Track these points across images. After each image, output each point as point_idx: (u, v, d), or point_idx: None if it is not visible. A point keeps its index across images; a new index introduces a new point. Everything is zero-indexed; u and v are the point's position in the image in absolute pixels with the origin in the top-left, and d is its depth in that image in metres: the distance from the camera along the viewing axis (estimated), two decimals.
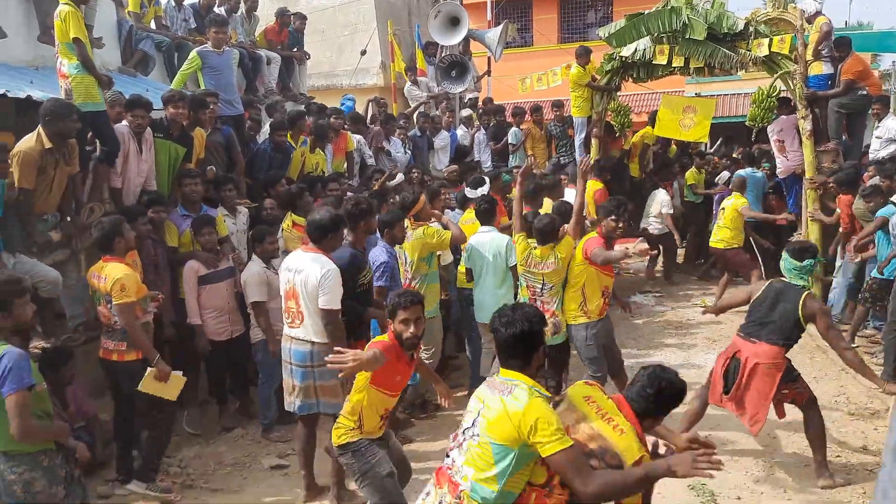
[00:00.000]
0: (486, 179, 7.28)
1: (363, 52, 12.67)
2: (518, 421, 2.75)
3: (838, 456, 5.11)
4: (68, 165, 5.36)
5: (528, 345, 2.91)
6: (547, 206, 7.14)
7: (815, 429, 4.78)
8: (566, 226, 5.82)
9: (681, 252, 11.44)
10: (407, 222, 5.86)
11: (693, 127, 10.17)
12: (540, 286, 5.71)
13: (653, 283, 10.65)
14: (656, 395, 3.08)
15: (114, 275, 4.64)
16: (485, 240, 6.09)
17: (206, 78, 7.31)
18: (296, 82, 10.98)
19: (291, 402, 4.72)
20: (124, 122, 6.00)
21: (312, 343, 4.58)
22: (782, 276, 4.92)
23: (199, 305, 5.73)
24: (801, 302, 4.64)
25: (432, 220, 6.02)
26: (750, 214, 9.15)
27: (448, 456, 3.07)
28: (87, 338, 5.67)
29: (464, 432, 2.98)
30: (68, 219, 5.56)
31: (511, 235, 6.02)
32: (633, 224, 8.05)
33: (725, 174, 10.93)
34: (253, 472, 5.32)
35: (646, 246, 6.39)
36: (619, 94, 10.57)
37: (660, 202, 10.24)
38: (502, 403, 2.83)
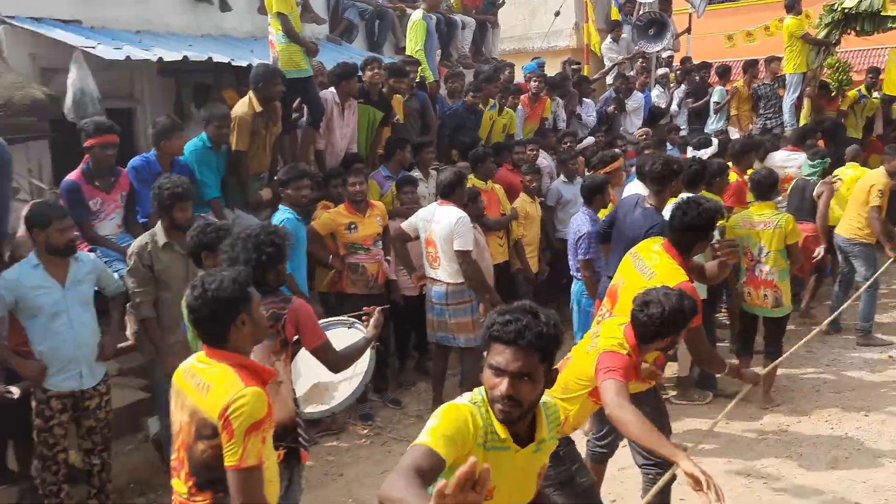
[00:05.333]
0: (713, 140, 7.13)
1: (557, 14, 12.43)
2: None
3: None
4: (275, 126, 5.74)
5: None
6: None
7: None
8: None
9: None
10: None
11: None
12: (757, 250, 5.35)
13: None
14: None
15: None
16: None
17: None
18: (488, 47, 11.00)
19: (431, 334, 5.36)
20: (330, 89, 6.38)
21: (447, 284, 5.11)
22: None
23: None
24: None
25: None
26: None
27: None
28: None
29: None
30: (275, 178, 5.91)
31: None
32: None
33: None
34: None
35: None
36: (837, 49, 9.59)
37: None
38: None
